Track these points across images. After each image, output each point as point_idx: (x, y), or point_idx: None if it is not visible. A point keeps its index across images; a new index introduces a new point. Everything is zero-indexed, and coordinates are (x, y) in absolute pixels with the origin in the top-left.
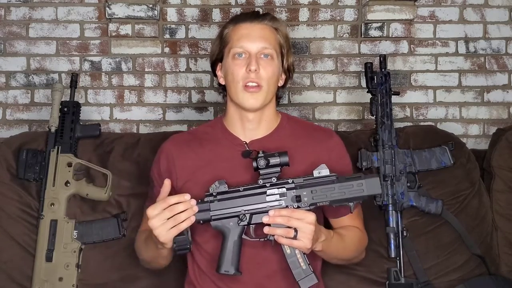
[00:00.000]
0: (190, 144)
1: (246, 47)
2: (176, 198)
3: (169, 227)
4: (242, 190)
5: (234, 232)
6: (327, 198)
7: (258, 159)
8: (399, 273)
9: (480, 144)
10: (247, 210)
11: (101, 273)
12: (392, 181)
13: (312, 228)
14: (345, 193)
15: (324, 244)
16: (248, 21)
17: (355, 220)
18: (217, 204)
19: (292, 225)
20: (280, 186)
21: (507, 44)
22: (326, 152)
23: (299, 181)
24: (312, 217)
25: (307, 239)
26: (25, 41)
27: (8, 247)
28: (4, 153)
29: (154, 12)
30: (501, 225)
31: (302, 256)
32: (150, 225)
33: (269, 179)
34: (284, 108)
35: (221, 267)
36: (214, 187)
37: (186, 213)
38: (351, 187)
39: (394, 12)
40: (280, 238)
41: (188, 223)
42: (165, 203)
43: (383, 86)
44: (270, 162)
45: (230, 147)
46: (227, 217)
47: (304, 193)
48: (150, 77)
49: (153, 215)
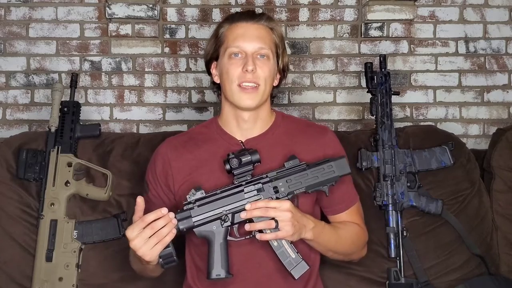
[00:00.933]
0: (186, 145)
1: (242, 47)
2: (154, 214)
3: (152, 245)
4: (220, 192)
5: (218, 235)
6: (302, 185)
7: (230, 160)
8: (399, 273)
9: (480, 144)
10: (228, 210)
11: (101, 273)
12: (392, 181)
13: (289, 215)
14: (318, 177)
15: (315, 231)
16: (244, 20)
17: (353, 216)
18: (197, 210)
19: (270, 216)
20: (256, 182)
21: (507, 44)
22: (321, 148)
23: (273, 174)
24: (287, 204)
25: (288, 226)
26: (25, 41)
27: (8, 247)
28: (4, 153)
29: (154, 12)
30: (501, 225)
31: (290, 246)
32: (132, 246)
33: (243, 178)
34: (284, 108)
35: (211, 273)
36: (191, 195)
37: (167, 227)
38: (322, 170)
39: (394, 12)
40: (262, 235)
41: (171, 236)
42: (143, 222)
43: (383, 86)
44: (242, 161)
45: (226, 146)
46: (210, 220)
47: (280, 183)
48: (150, 77)
49: (133, 236)
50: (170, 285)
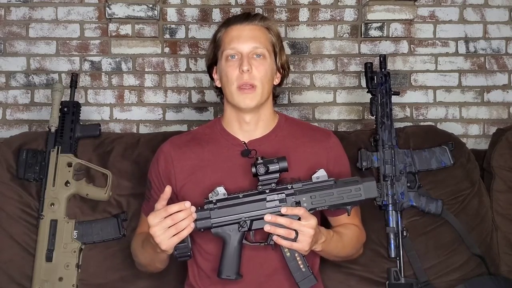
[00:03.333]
0: (189, 145)
1: (237, 48)
2: (177, 206)
3: (170, 235)
4: (242, 196)
5: (234, 238)
6: (325, 203)
7: (257, 166)
8: (399, 273)
9: (480, 144)
10: (247, 217)
11: (101, 273)
12: (392, 181)
13: (312, 232)
14: (343, 198)
15: (324, 245)
16: (238, 23)
17: (352, 218)
18: (217, 212)
19: (293, 227)
20: (280, 192)
21: (507, 44)
22: (324, 152)
23: (298, 187)
24: (314, 222)
25: (307, 242)
26: (25, 41)
27: (8, 247)
28: (4, 153)
29: (154, 12)
30: (501, 225)
31: (302, 259)
32: (152, 233)
33: (268, 185)
34: (284, 108)
35: (222, 273)
36: (213, 194)
37: (187, 220)
38: (349, 191)
39: (394, 12)
40: (279, 239)
41: (188, 230)
42: (165, 212)
43: (383, 86)
44: (269, 169)
45: (229, 147)
46: (228, 224)
47: (304, 198)
48: (150, 77)
49: (155, 223)
50: (171, 284)
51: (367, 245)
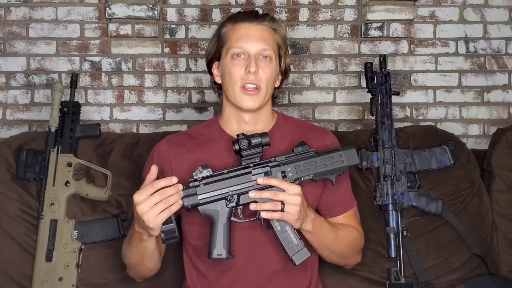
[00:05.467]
0: (186, 145)
1: (245, 48)
2: (164, 181)
3: (158, 211)
4: (227, 172)
5: (222, 215)
6: (310, 172)
7: (240, 140)
8: (399, 273)
9: (480, 144)
10: (234, 190)
11: (101, 273)
12: (392, 181)
13: (298, 199)
14: (327, 165)
15: (315, 224)
16: (247, 21)
17: (350, 220)
18: (203, 188)
19: (279, 199)
20: (264, 165)
21: (507, 44)
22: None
23: (281, 159)
24: (298, 188)
25: (295, 211)
26: (25, 41)
27: (8, 247)
28: (4, 153)
29: (154, 12)
30: (501, 225)
31: (293, 231)
32: (138, 210)
33: (251, 160)
34: (284, 108)
35: (212, 252)
36: (198, 172)
37: (175, 196)
38: (332, 159)
39: (394, 12)
40: (268, 213)
41: (177, 206)
42: (152, 188)
43: (383, 86)
44: (252, 143)
45: (227, 147)
46: (215, 199)
47: (288, 169)
48: (150, 77)
49: (141, 200)
50: (170, 285)
51: (367, 245)
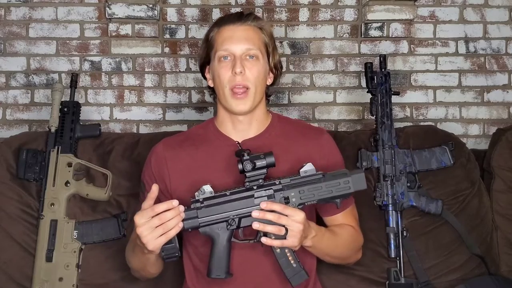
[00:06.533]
0: (183, 146)
1: (230, 49)
2: (164, 205)
3: (157, 235)
4: (229, 194)
5: (223, 237)
6: (314, 197)
7: (244, 162)
8: (399, 273)
9: (480, 144)
10: (235, 214)
11: (101, 273)
12: (392, 181)
13: (300, 227)
14: (332, 191)
15: (315, 240)
16: (231, 23)
17: (348, 218)
18: (204, 211)
19: (282, 223)
20: (267, 188)
21: (507, 44)
22: (317, 149)
23: (286, 181)
24: (302, 215)
25: (296, 238)
26: (25, 41)
27: (8, 247)
28: (4, 153)
29: (154, 12)
30: (501, 225)
31: (292, 255)
32: (138, 233)
33: (255, 181)
34: (284, 108)
35: (212, 272)
36: (200, 193)
37: (175, 220)
38: (338, 185)
39: (394, 12)
40: (268, 241)
41: (176, 230)
42: (152, 211)
43: (383, 86)
44: (256, 165)
45: (223, 147)
46: (216, 222)
47: (292, 193)
48: (150, 77)
49: (141, 223)
50: (170, 285)
51: (367, 245)
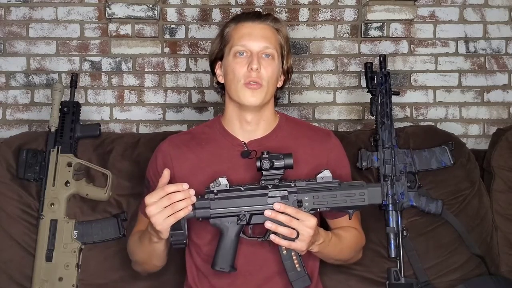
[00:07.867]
0: (189, 145)
1: (248, 45)
2: (175, 186)
3: (166, 215)
4: (244, 189)
5: (232, 231)
6: (328, 205)
7: (262, 160)
8: (399, 273)
9: (480, 144)
10: (247, 210)
11: (101, 273)
12: (392, 181)
13: (311, 233)
14: (346, 201)
15: (321, 246)
16: (250, 20)
17: (352, 220)
18: (217, 203)
19: (293, 226)
20: (282, 189)
21: (507, 44)
22: (325, 152)
23: (302, 185)
24: (314, 221)
25: (305, 242)
26: (25, 41)
27: (8, 247)
28: (4, 153)
29: (154, 12)
30: (501, 225)
31: (298, 258)
32: (147, 212)
33: (271, 181)
34: (284, 108)
35: (216, 264)
36: (215, 184)
37: (184, 202)
38: (353, 195)
39: (394, 12)
40: (277, 239)
41: (185, 212)
42: (163, 191)
43: (383, 86)
44: (274, 165)
45: (229, 147)
46: (227, 216)
47: (306, 198)
48: (150, 77)
49: (151, 202)
50: (170, 285)
51: (367, 245)
